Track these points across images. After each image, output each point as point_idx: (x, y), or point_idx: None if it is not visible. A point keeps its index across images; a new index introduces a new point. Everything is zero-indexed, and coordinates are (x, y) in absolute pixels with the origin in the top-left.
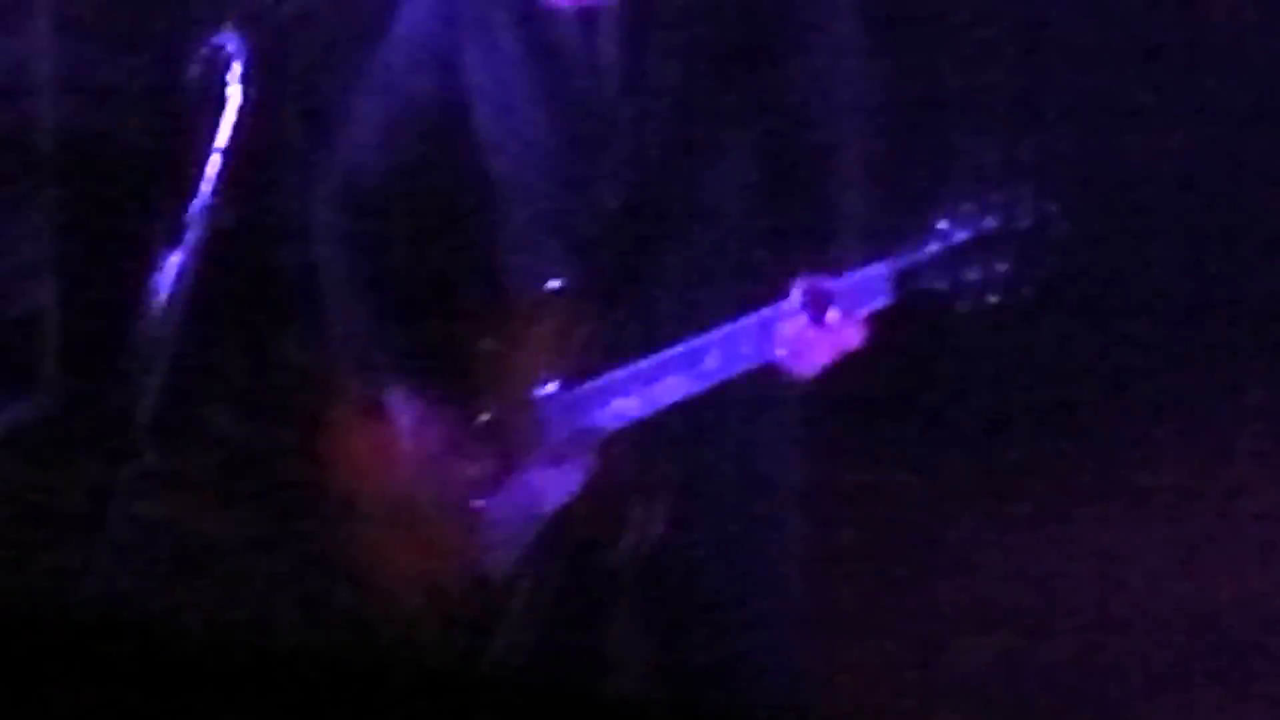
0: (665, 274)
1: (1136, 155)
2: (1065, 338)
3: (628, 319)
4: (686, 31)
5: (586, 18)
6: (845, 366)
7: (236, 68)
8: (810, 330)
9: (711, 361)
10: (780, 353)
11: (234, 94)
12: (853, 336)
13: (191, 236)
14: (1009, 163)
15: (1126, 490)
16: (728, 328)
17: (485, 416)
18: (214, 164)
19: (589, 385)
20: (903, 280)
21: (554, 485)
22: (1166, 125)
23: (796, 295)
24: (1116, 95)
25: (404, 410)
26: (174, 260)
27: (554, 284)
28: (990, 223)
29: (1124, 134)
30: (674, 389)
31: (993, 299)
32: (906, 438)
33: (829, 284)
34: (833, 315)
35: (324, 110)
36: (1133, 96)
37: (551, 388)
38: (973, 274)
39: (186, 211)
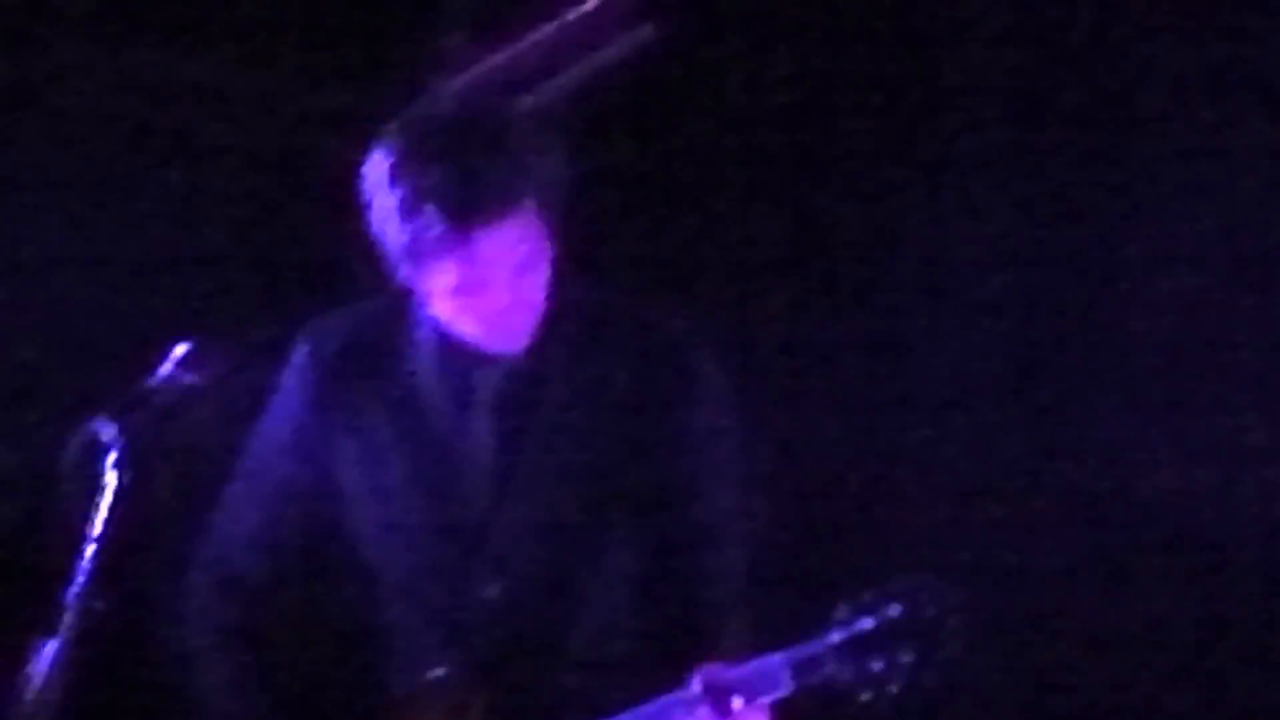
0: (551, 662)
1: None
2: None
3: (516, 707)
4: (565, 425)
5: (463, 401)
6: None
7: (111, 457)
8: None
9: None
10: None
11: (108, 482)
12: None
13: (67, 621)
14: (911, 550)
15: None
16: (623, 717)
17: None
18: (89, 551)
19: None
20: (804, 669)
21: None
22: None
23: (697, 685)
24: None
25: None
26: (49, 647)
27: (437, 672)
28: (893, 611)
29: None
30: None
31: (895, 689)
32: None
33: (728, 673)
34: (737, 704)
35: (199, 498)
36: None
37: None
38: (876, 663)
39: (61, 598)
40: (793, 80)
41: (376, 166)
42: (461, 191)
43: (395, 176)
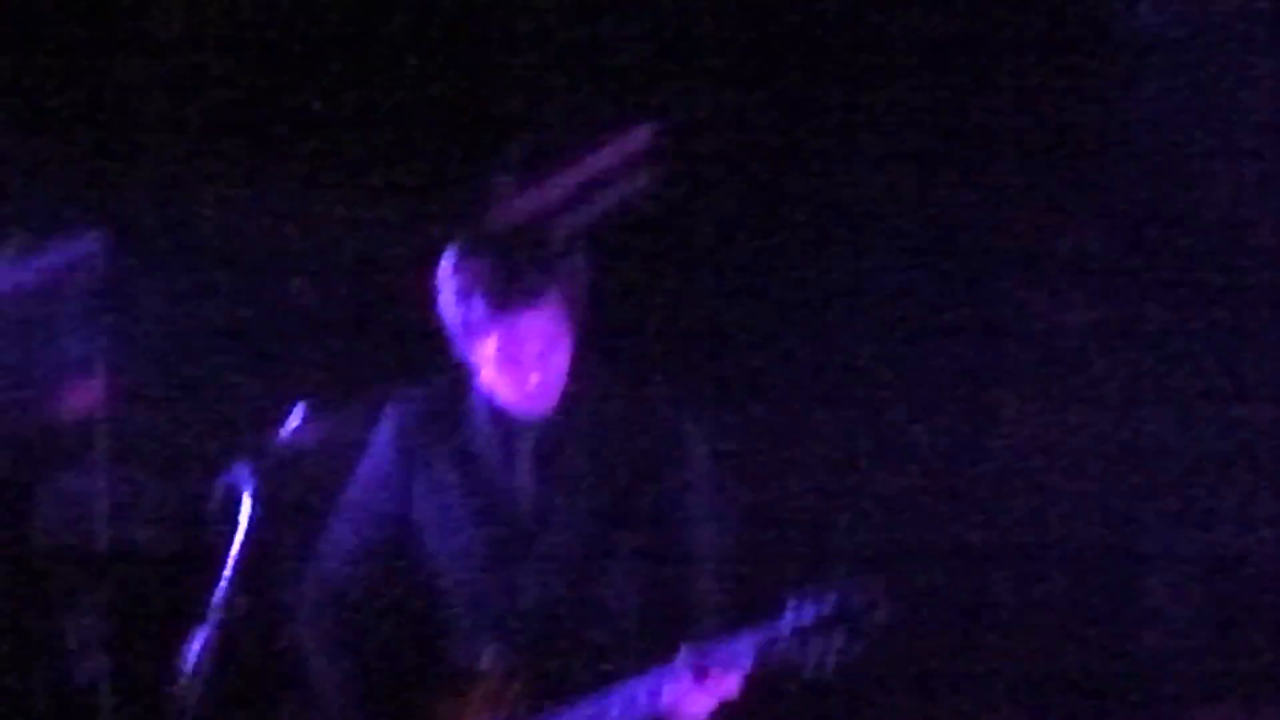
0: (576, 647)
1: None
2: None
3: (549, 681)
4: (585, 472)
5: (509, 450)
6: (723, 709)
7: (247, 494)
8: (693, 688)
9: (616, 713)
10: (669, 704)
11: (245, 513)
12: (731, 688)
13: (213, 618)
14: (841, 557)
15: None
16: (626, 686)
17: None
18: (230, 563)
19: None
20: (763, 650)
21: None
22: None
23: (682, 660)
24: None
25: None
26: (200, 635)
27: (490, 656)
28: (828, 604)
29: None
30: None
31: (830, 662)
32: None
33: (706, 652)
34: (715, 674)
35: (311, 524)
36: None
37: None
38: (815, 644)
39: (209, 600)
40: (746, 216)
41: (444, 264)
42: (502, 284)
43: (456, 270)
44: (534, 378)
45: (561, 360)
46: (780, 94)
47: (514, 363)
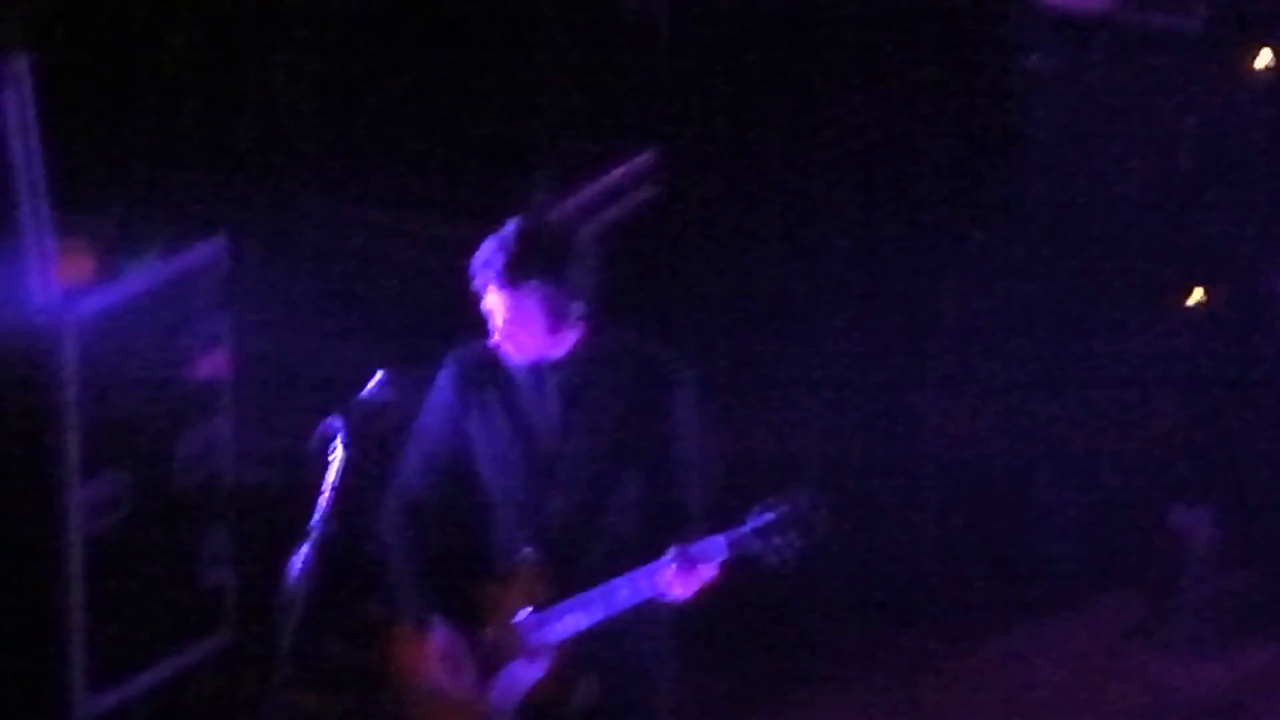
0: (592, 546)
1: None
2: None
3: (571, 572)
4: (601, 408)
5: (540, 392)
6: (705, 591)
7: (339, 441)
8: (681, 575)
9: (622, 595)
10: (662, 588)
11: (338, 454)
12: (710, 576)
13: (313, 537)
14: (793, 473)
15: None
16: (631, 574)
17: (487, 633)
18: (325, 495)
19: (549, 611)
20: (733, 546)
21: (528, 672)
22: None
23: (671, 555)
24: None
25: (439, 632)
26: (303, 551)
27: (525, 553)
28: (783, 510)
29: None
30: (600, 612)
31: (786, 555)
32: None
33: (691, 548)
34: (697, 566)
35: (388, 464)
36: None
37: (526, 614)
38: (774, 541)
39: (310, 522)
40: (726, 220)
41: (479, 249)
42: (495, 266)
43: (480, 251)
44: (504, 337)
45: (530, 333)
46: (751, 126)
47: (497, 323)
